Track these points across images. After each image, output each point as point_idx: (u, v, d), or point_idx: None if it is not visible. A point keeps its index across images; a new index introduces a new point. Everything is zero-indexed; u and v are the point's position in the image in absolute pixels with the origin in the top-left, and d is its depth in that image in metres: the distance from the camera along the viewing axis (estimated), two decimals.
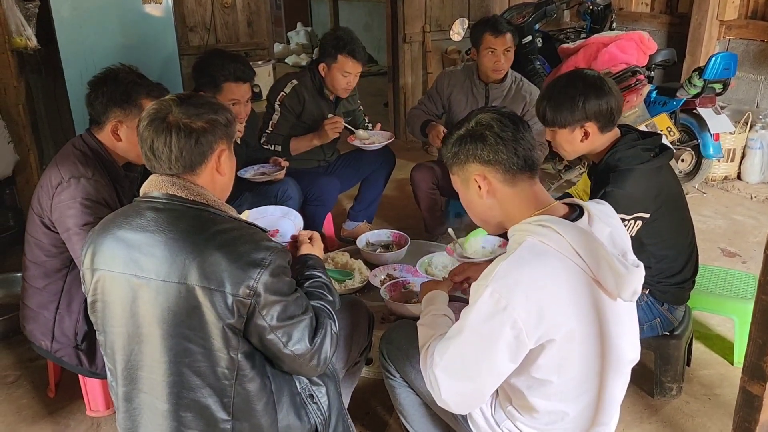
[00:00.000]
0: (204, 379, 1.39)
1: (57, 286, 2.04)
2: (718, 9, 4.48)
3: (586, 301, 1.36)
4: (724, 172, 4.41)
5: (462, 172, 1.50)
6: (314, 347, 1.45)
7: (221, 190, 1.53)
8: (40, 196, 1.98)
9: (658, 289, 2.12)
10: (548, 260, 1.34)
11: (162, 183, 1.43)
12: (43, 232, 2.00)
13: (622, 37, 3.91)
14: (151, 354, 1.40)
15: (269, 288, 1.36)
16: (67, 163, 1.96)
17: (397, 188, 4.35)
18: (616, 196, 1.92)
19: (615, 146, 2.02)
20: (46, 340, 2.07)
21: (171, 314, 1.36)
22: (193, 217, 1.40)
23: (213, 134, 1.44)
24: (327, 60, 3.09)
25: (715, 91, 3.82)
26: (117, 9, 3.65)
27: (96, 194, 1.93)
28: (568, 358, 1.37)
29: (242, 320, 1.36)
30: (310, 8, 10.80)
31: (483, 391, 1.38)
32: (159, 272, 1.35)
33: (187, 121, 1.41)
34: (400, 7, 5.16)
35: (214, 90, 2.69)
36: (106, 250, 1.41)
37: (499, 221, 1.52)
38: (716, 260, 3.36)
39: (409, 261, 2.59)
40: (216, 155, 1.47)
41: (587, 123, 1.96)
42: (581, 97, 1.93)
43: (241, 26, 4.78)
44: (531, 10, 4.60)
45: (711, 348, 2.65)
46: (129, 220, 1.41)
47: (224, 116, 1.48)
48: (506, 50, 3.17)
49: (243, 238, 1.38)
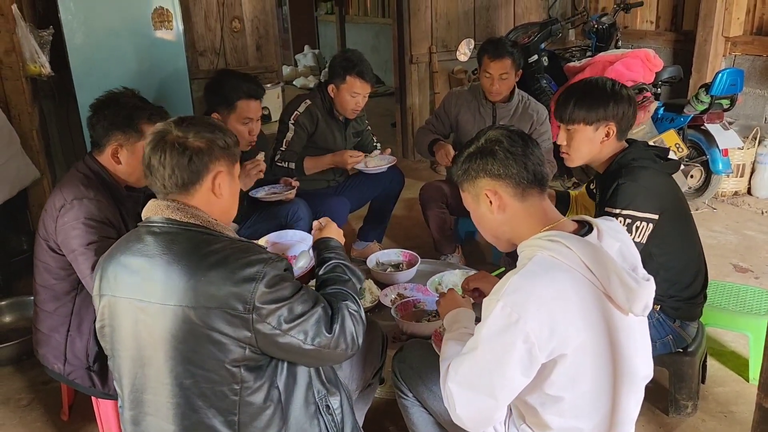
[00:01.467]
0: (207, 400, 1.39)
1: (67, 309, 2.06)
2: (723, 25, 4.51)
3: (597, 315, 1.36)
4: (734, 187, 4.40)
5: (473, 188, 1.52)
6: (334, 334, 1.44)
7: (221, 212, 1.52)
8: (45, 220, 2.01)
9: (670, 305, 2.11)
10: (559, 274, 1.34)
11: (158, 207, 1.45)
12: (50, 256, 2.02)
13: (628, 54, 3.93)
14: (155, 377, 1.41)
15: (267, 300, 1.36)
16: (69, 186, 1.98)
17: (406, 207, 4.36)
18: (630, 188, 1.95)
19: (625, 151, 2.06)
20: (59, 363, 2.08)
21: (171, 337, 1.37)
22: (187, 239, 1.41)
23: (208, 155, 1.45)
24: (336, 81, 3.13)
25: (722, 107, 3.82)
26: (129, 35, 3.71)
27: (99, 214, 1.94)
28: (580, 372, 1.36)
29: (251, 336, 1.36)
30: (318, 31, 10.92)
31: (497, 407, 1.38)
32: (158, 296, 1.37)
33: (182, 140, 1.43)
34: (407, 28, 5.22)
35: (228, 109, 2.72)
36: (111, 275, 1.44)
37: (509, 237, 1.53)
38: (728, 276, 3.34)
39: (419, 280, 2.59)
40: (212, 176, 1.47)
41: (611, 123, 2.02)
42: (613, 95, 2.01)
43: (250, 50, 4.84)
44: (536, 29, 4.65)
45: (725, 365, 2.62)
46: (130, 246, 1.44)
47: (223, 139, 1.48)
48: (502, 75, 3.16)
49: (234, 256, 1.38)
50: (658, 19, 5.22)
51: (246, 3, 4.73)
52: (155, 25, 3.77)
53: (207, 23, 4.62)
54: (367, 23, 9.27)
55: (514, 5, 5.59)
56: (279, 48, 5.10)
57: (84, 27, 3.58)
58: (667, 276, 2.08)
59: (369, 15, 9.29)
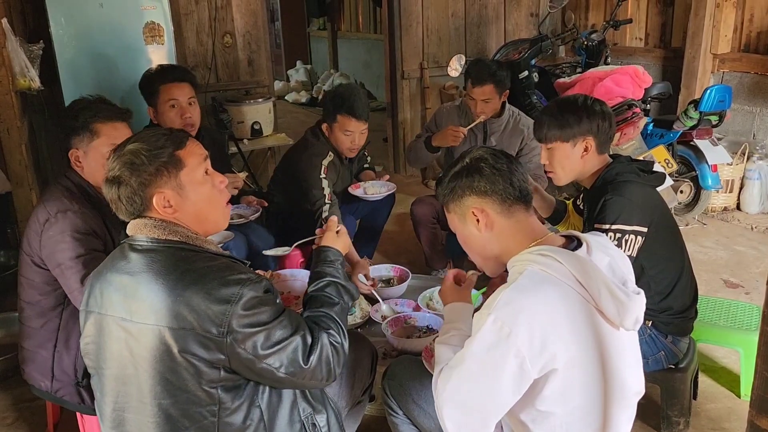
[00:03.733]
0: (188, 419, 1.38)
1: (54, 324, 2.03)
2: (711, 43, 4.56)
3: (587, 329, 1.36)
4: (723, 203, 4.43)
5: (459, 208, 1.52)
6: (310, 366, 1.40)
7: (197, 223, 1.46)
8: (29, 236, 1.98)
9: (661, 320, 2.11)
10: (550, 288, 1.34)
11: (136, 226, 1.44)
12: (35, 271, 1.99)
13: (618, 71, 3.96)
14: (137, 395, 1.39)
15: (243, 323, 1.33)
16: (52, 199, 1.96)
17: (397, 223, 4.36)
18: (617, 203, 1.97)
19: (610, 166, 2.09)
20: (46, 381, 2.04)
21: (151, 357, 1.35)
22: (167, 256, 1.39)
23: (129, 185, 1.39)
24: (328, 120, 3.00)
25: (711, 123, 3.86)
26: (120, 49, 3.71)
27: (84, 226, 1.92)
28: (570, 387, 1.35)
29: (224, 359, 1.34)
30: (310, 46, 10.98)
31: (486, 423, 1.36)
32: (140, 315, 1.35)
33: (111, 174, 1.42)
34: (398, 44, 5.25)
35: (155, 97, 2.76)
36: (98, 292, 1.43)
37: (497, 255, 1.52)
38: (719, 291, 3.34)
39: (410, 296, 2.57)
40: (153, 201, 1.41)
41: (588, 138, 2.05)
42: (585, 111, 2.04)
43: (242, 65, 4.85)
44: (527, 45, 4.68)
45: (717, 381, 2.62)
46: (115, 263, 1.43)
47: (139, 167, 1.39)
48: (485, 100, 3.14)
49: (212, 275, 1.35)
50: (647, 36, 5.28)
51: (238, 18, 4.74)
52: (146, 40, 3.77)
53: (199, 38, 4.63)
54: (359, 39, 9.32)
55: (505, 22, 5.63)
56: (271, 63, 5.12)
57: (74, 41, 3.58)
58: (658, 289, 2.08)
59: (361, 31, 9.35)
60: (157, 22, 3.77)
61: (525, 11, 5.70)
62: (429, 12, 5.31)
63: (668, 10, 5.07)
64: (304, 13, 10.75)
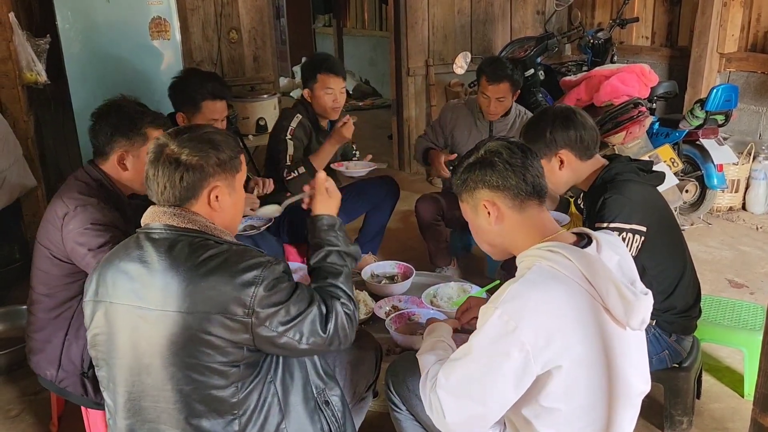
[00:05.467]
0: (208, 404, 1.39)
1: (68, 314, 2.03)
2: (717, 42, 4.54)
3: (593, 327, 1.36)
4: (728, 202, 4.41)
5: (471, 199, 1.52)
6: (328, 334, 1.44)
7: (221, 224, 1.50)
8: (47, 229, 1.99)
9: (665, 319, 2.11)
10: (558, 284, 1.34)
11: (156, 214, 1.46)
12: (52, 264, 2.00)
13: (624, 69, 3.95)
14: (155, 383, 1.40)
15: (265, 303, 1.37)
16: (71, 194, 1.97)
17: (401, 220, 4.36)
18: (616, 201, 1.96)
19: (608, 166, 2.07)
20: (52, 369, 2.05)
21: (170, 343, 1.36)
22: (185, 244, 1.40)
23: (201, 171, 1.44)
24: (309, 84, 3.10)
25: (717, 122, 3.84)
26: (126, 44, 3.72)
27: (103, 218, 1.93)
28: (575, 384, 1.36)
29: (249, 337, 1.37)
30: (315, 43, 10.96)
31: (487, 417, 1.37)
32: (157, 302, 1.37)
33: (176, 156, 1.42)
34: (404, 41, 5.24)
35: (194, 109, 2.70)
36: (110, 281, 1.43)
37: (506, 248, 1.53)
38: (723, 291, 3.33)
39: (414, 292, 2.58)
40: (207, 192, 1.46)
41: (561, 151, 2.02)
42: (549, 127, 2.01)
43: (247, 61, 4.86)
44: (533, 43, 4.67)
45: (721, 380, 2.61)
46: (129, 252, 1.43)
47: (216, 155, 1.45)
48: (499, 98, 3.15)
49: (233, 260, 1.39)
50: (654, 34, 5.26)
51: (244, 14, 4.75)
52: (152, 35, 3.78)
53: (204, 33, 4.63)
54: (364, 36, 9.31)
55: (511, 19, 5.62)
56: (276, 59, 5.13)
57: (81, 36, 3.59)
58: (660, 289, 2.08)
59: (366, 28, 9.33)
60: (164, 17, 3.78)
61: (531, 9, 5.68)
62: (435, 9, 5.30)
63: (675, 8, 5.05)
64: (309, 10, 10.73)
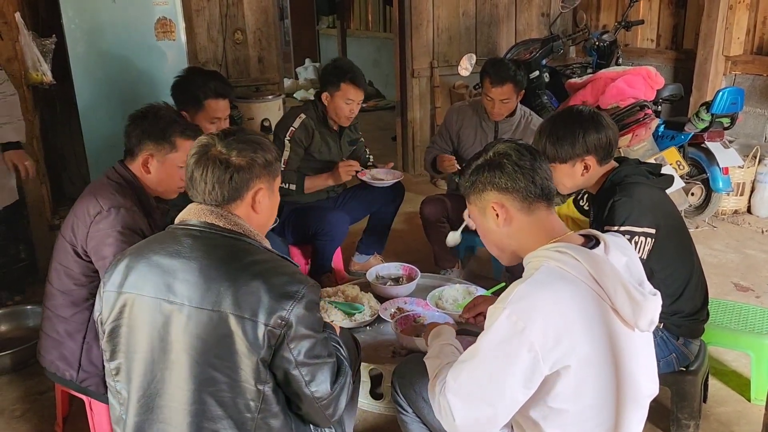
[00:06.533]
0: (226, 409, 1.38)
1: (84, 316, 2.03)
2: (723, 45, 4.53)
3: (602, 328, 1.36)
4: (734, 206, 4.40)
5: (479, 201, 1.52)
6: (334, 393, 1.45)
7: (258, 226, 1.53)
8: (75, 225, 1.99)
9: (673, 322, 2.10)
10: (566, 285, 1.34)
11: (200, 211, 1.46)
12: (74, 261, 2.00)
13: (630, 71, 3.94)
14: (176, 381, 1.39)
15: (301, 321, 1.37)
16: (105, 193, 1.99)
17: (406, 221, 4.35)
18: (625, 204, 1.94)
19: (617, 168, 2.05)
20: (72, 371, 2.05)
21: (201, 341, 1.36)
22: (229, 245, 1.42)
23: (250, 172, 1.47)
24: (330, 89, 3.12)
25: (722, 125, 3.83)
26: (131, 45, 3.72)
27: (133, 224, 1.95)
28: (583, 385, 1.35)
29: (270, 351, 1.36)
30: (319, 44, 10.97)
31: (497, 418, 1.36)
32: (192, 298, 1.36)
33: (225, 157, 1.44)
34: (408, 43, 5.24)
35: (197, 108, 2.70)
36: (140, 273, 1.42)
37: (515, 249, 1.53)
38: (729, 294, 3.32)
39: (419, 294, 2.58)
40: (252, 193, 1.49)
41: (587, 156, 2.00)
42: (581, 131, 1.97)
43: (252, 62, 4.86)
44: (538, 46, 4.67)
45: (727, 384, 2.60)
46: (165, 246, 1.43)
47: (264, 156, 1.49)
48: (503, 100, 3.15)
49: (278, 270, 1.40)
50: (659, 37, 5.25)
51: (249, 15, 4.75)
52: (158, 36, 3.78)
53: (210, 34, 4.63)
54: (368, 37, 9.31)
55: (516, 21, 5.62)
56: (280, 60, 5.12)
57: (86, 36, 3.59)
58: (669, 292, 2.07)
59: (371, 29, 9.34)
60: (169, 18, 3.77)
61: (536, 11, 5.68)
62: (440, 11, 5.30)
63: (680, 11, 5.05)
64: (313, 11, 10.74)
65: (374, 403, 2.36)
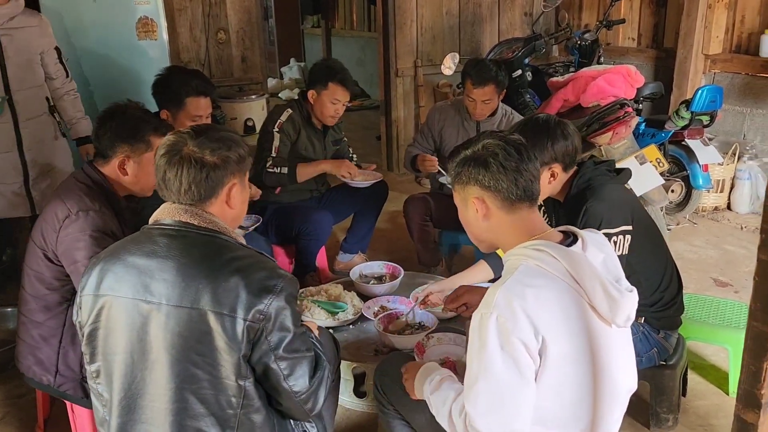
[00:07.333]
0: (208, 407, 1.38)
1: (58, 320, 2.02)
2: (702, 43, 4.58)
3: (580, 324, 1.37)
4: (714, 202, 4.46)
5: (462, 192, 1.53)
6: (312, 387, 1.46)
7: (231, 220, 1.54)
8: (44, 230, 1.97)
9: (653, 315, 2.13)
10: (545, 282, 1.36)
11: (174, 210, 1.46)
12: (45, 266, 1.98)
13: (610, 70, 3.97)
14: (157, 380, 1.39)
15: (279, 314, 1.38)
16: (72, 197, 1.96)
17: (389, 220, 4.36)
18: (598, 208, 1.95)
19: (578, 173, 2.07)
20: (49, 376, 2.03)
21: (181, 339, 1.36)
22: (205, 243, 1.42)
23: (224, 170, 1.47)
24: (317, 87, 3.12)
25: (702, 123, 3.87)
26: (113, 44, 3.70)
27: (104, 226, 1.93)
28: (562, 381, 1.37)
29: (250, 346, 1.37)
30: (303, 44, 10.94)
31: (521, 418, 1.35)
32: (170, 297, 1.36)
33: (199, 156, 1.44)
34: (392, 42, 5.25)
35: (178, 106, 2.68)
36: (116, 275, 1.41)
37: (493, 242, 1.55)
38: (708, 290, 3.37)
39: (402, 292, 2.59)
40: (226, 189, 1.49)
41: (554, 164, 2.01)
42: (549, 140, 1.97)
43: (236, 61, 4.85)
44: (520, 45, 4.69)
45: (706, 378, 2.64)
46: (141, 246, 1.43)
47: (237, 152, 1.50)
48: (485, 101, 3.16)
49: (257, 265, 1.41)
50: (640, 36, 5.30)
51: (232, 14, 4.73)
52: (139, 35, 3.76)
53: (192, 34, 4.61)
54: (353, 37, 9.30)
55: (499, 21, 5.65)
56: (264, 60, 5.11)
57: (67, 36, 3.56)
58: (648, 283, 2.10)
59: (355, 29, 9.33)
60: (151, 17, 3.76)
61: (519, 10, 5.71)
62: (423, 10, 5.31)
63: (661, 10, 5.10)
64: (298, 11, 10.71)
65: (357, 401, 2.37)
